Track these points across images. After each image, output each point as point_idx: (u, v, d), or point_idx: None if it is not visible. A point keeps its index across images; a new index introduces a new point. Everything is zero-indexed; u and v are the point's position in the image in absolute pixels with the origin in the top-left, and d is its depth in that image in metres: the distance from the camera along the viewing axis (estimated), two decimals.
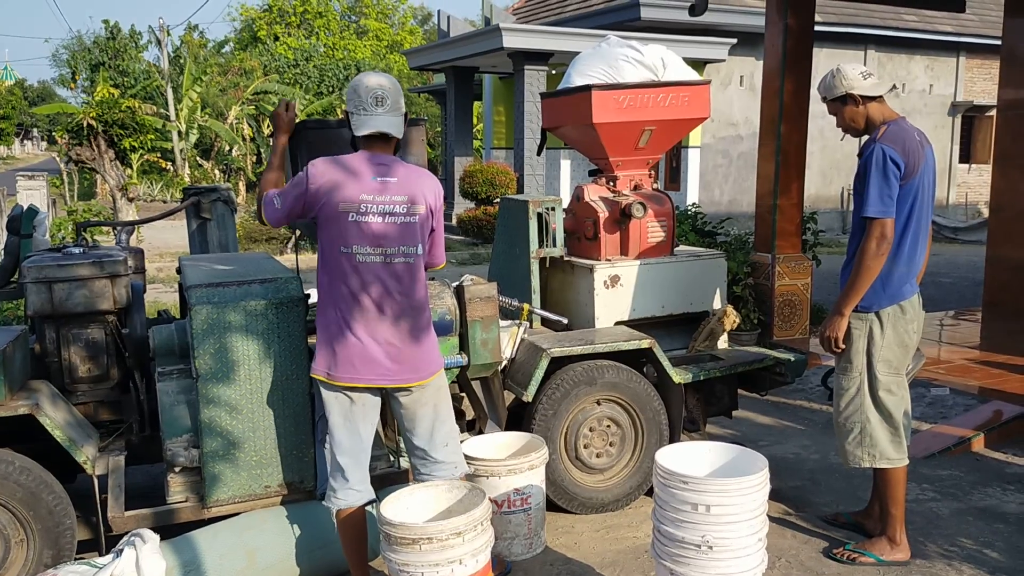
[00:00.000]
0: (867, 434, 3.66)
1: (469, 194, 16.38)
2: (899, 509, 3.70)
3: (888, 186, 3.48)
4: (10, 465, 3.22)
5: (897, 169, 3.48)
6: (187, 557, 3.23)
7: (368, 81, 3.06)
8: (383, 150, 3.11)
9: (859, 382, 3.66)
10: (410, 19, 46.34)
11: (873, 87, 3.63)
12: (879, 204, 3.48)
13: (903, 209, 3.54)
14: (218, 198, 5.03)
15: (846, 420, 3.71)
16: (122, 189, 15.84)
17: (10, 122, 46.65)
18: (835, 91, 3.66)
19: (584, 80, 4.58)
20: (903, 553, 3.69)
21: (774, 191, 6.29)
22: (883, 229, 3.49)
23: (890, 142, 3.51)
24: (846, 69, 3.65)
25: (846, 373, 3.70)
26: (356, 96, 3.05)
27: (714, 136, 17.84)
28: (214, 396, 3.35)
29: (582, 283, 4.58)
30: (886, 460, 3.66)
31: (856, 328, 3.64)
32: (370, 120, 3.05)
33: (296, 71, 33.30)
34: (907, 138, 3.56)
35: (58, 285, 3.61)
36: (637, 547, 3.86)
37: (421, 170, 3.21)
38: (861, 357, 3.65)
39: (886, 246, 3.51)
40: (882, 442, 3.66)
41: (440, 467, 3.27)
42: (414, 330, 3.11)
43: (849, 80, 3.62)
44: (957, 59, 20.48)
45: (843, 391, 3.72)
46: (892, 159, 3.48)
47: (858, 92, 3.61)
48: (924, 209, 3.59)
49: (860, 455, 3.69)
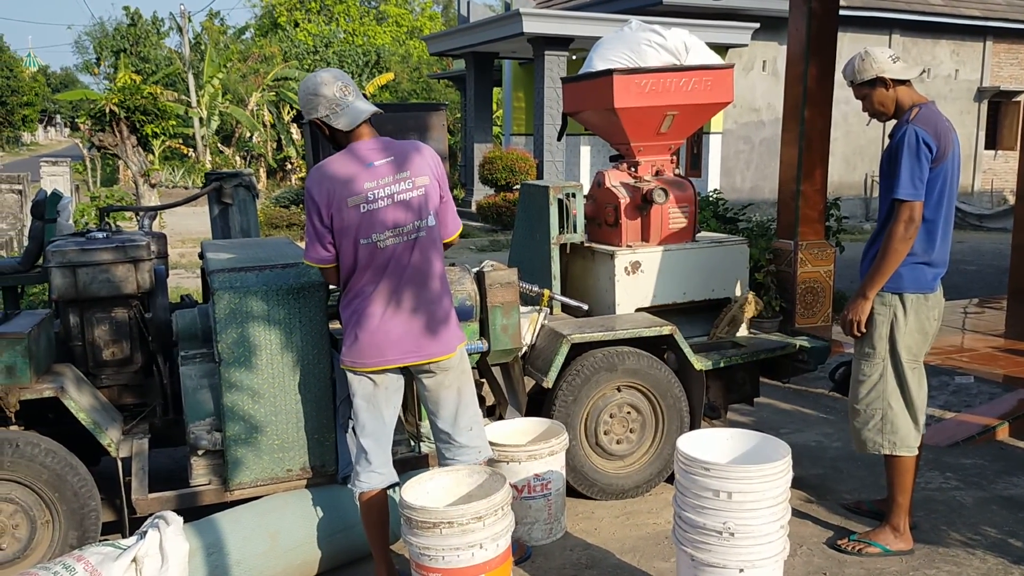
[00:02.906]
0: (888, 421, 3.63)
1: (488, 180, 16.36)
2: (907, 498, 3.68)
3: (920, 169, 3.43)
4: (36, 447, 3.26)
5: (929, 152, 3.43)
6: (210, 539, 3.26)
7: (325, 79, 3.04)
8: (369, 134, 3.10)
9: (882, 368, 3.62)
10: (431, 5, 46.21)
11: (904, 70, 3.57)
12: (910, 187, 3.43)
13: (932, 194, 3.49)
14: (240, 183, 5.05)
15: (867, 406, 3.67)
16: (144, 175, 15.93)
17: (33, 108, 47.02)
18: (865, 74, 3.60)
19: (606, 64, 4.54)
20: (905, 543, 3.67)
21: (797, 177, 6.22)
22: (912, 212, 3.44)
23: (923, 124, 3.46)
24: (875, 52, 3.59)
25: (868, 359, 3.66)
26: (322, 98, 3.01)
27: (736, 122, 17.71)
28: (236, 380, 3.37)
29: (603, 269, 4.57)
30: (906, 448, 3.63)
31: (879, 314, 3.60)
32: (351, 111, 3.04)
33: (316, 57, 33.30)
34: (939, 121, 3.51)
35: (82, 269, 3.64)
36: (657, 533, 3.86)
37: (412, 143, 3.19)
38: (884, 343, 3.61)
39: (914, 230, 3.46)
40: (903, 429, 3.62)
41: (464, 451, 3.28)
42: (435, 303, 3.11)
43: (880, 63, 3.56)
44: (984, 44, 20.18)
45: (865, 377, 3.67)
46: (925, 141, 3.42)
47: (889, 75, 3.56)
48: (951, 195, 3.55)
49: (880, 441, 3.65)
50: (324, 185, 3.02)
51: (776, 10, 15.76)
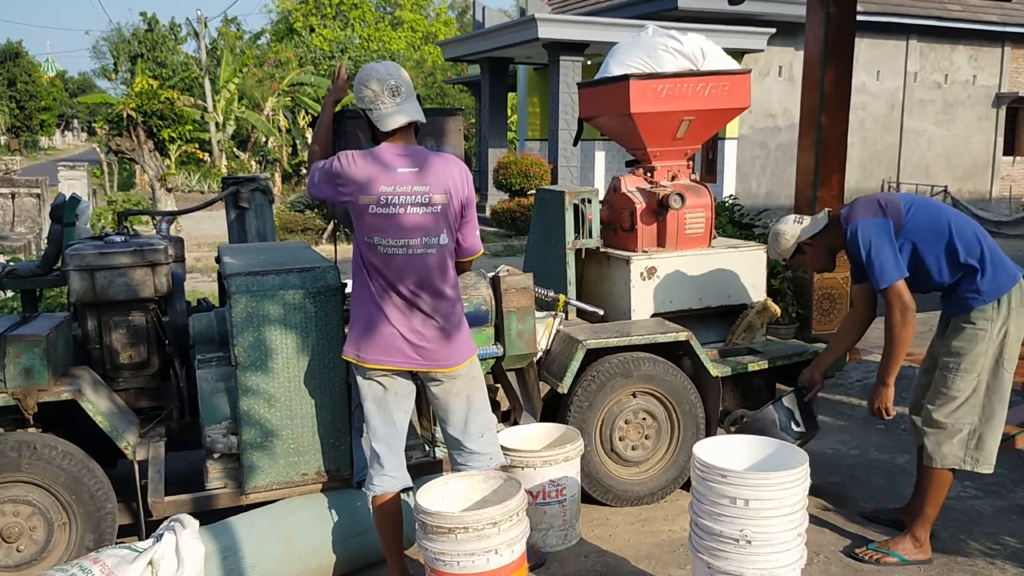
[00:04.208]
0: (976, 436, 3.53)
1: (503, 185, 16.37)
2: (936, 511, 3.64)
3: (886, 250, 3.46)
4: (53, 450, 3.28)
5: (883, 222, 3.49)
6: (226, 542, 3.26)
7: (379, 74, 3.03)
8: (406, 139, 3.09)
9: (977, 383, 3.50)
10: (446, 10, 46.34)
11: (813, 225, 3.78)
12: (885, 272, 3.46)
13: (939, 246, 3.49)
14: (256, 188, 5.06)
15: (957, 420, 3.53)
16: (161, 179, 16.04)
17: (51, 113, 47.45)
18: (788, 251, 3.84)
19: (622, 69, 4.54)
20: (924, 553, 3.63)
21: (814, 183, 6.20)
22: (900, 295, 3.46)
23: (858, 215, 3.54)
24: (782, 228, 3.84)
25: (964, 376, 3.51)
26: (370, 91, 3.02)
27: (752, 127, 17.67)
28: (252, 384, 3.38)
29: (618, 275, 4.55)
30: (987, 465, 3.55)
31: (981, 328, 3.47)
32: (393, 113, 3.03)
33: (331, 63, 33.47)
34: (865, 199, 3.60)
35: (100, 273, 3.66)
36: (673, 540, 3.84)
37: (447, 157, 3.16)
38: (983, 359, 3.49)
39: (910, 314, 3.48)
40: (989, 445, 3.53)
41: (475, 458, 3.27)
42: (442, 322, 3.09)
43: (792, 234, 3.79)
44: (1002, 49, 20.07)
45: (958, 392, 3.51)
46: (875, 226, 3.48)
47: (804, 238, 3.77)
48: (958, 229, 3.51)
49: (963, 456, 3.55)
50: (354, 168, 3.01)
51: (793, 16, 15.73)
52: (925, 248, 3.52)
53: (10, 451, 3.23)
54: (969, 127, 20.26)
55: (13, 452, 3.23)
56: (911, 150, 19.56)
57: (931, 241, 3.51)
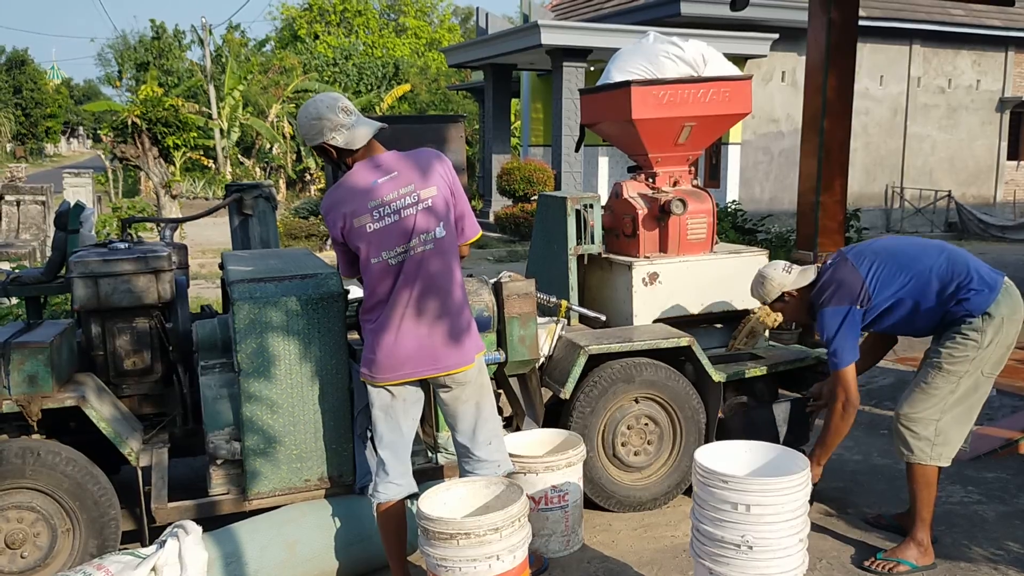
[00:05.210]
0: (942, 432, 3.58)
1: (506, 191, 16.40)
2: (930, 512, 3.65)
3: (848, 336, 3.59)
4: (57, 456, 3.29)
5: (853, 309, 3.59)
6: (228, 548, 3.27)
7: (323, 102, 3.06)
8: (373, 150, 3.13)
9: (956, 385, 3.57)
10: (450, 17, 46.43)
11: (801, 276, 3.83)
12: (842, 357, 3.60)
13: (913, 293, 3.60)
14: (260, 195, 5.08)
15: (928, 415, 3.59)
16: (165, 186, 16.11)
17: (57, 120, 47.63)
18: (771, 295, 3.89)
19: (624, 76, 4.55)
20: (928, 557, 3.63)
21: (817, 188, 6.20)
22: (848, 386, 3.62)
23: (832, 302, 3.63)
24: (770, 273, 3.88)
25: (946, 376, 3.57)
26: (326, 120, 3.03)
27: (755, 133, 17.67)
28: (255, 390, 3.39)
29: (620, 280, 4.56)
30: (946, 459, 3.61)
31: (973, 340, 3.53)
32: (357, 126, 3.06)
33: (335, 69, 33.56)
34: (844, 277, 3.65)
35: (104, 280, 3.67)
36: (675, 546, 3.84)
37: (420, 152, 3.18)
38: (968, 364, 3.55)
39: (852, 409, 3.64)
40: (954, 441, 3.60)
41: (484, 465, 3.28)
42: (453, 314, 3.11)
43: (779, 281, 3.84)
44: (1005, 54, 20.05)
45: (936, 390, 3.58)
46: (844, 317, 3.58)
47: (790, 288, 3.83)
48: (920, 267, 3.60)
49: (928, 452, 3.59)
50: (337, 209, 3.06)
51: (795, 21, 15.72)
52: (901, 304, 3.62)
53: (14, 457, 3.24)
54: (973, 132, 20.23)
55: (17, 459, 3.24)
56: (915, 155, 19.55)
57: (907, 295, 3.61)
